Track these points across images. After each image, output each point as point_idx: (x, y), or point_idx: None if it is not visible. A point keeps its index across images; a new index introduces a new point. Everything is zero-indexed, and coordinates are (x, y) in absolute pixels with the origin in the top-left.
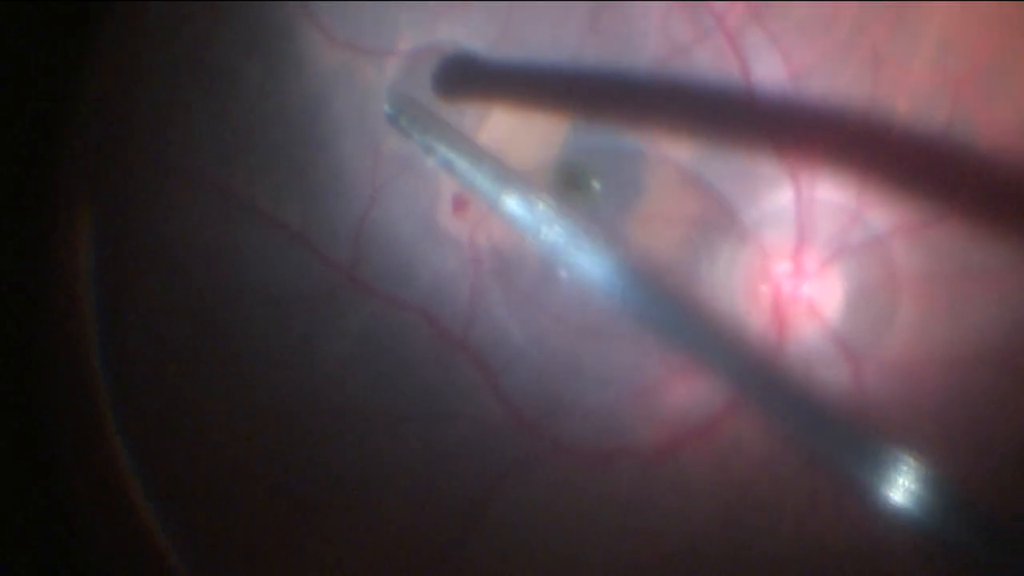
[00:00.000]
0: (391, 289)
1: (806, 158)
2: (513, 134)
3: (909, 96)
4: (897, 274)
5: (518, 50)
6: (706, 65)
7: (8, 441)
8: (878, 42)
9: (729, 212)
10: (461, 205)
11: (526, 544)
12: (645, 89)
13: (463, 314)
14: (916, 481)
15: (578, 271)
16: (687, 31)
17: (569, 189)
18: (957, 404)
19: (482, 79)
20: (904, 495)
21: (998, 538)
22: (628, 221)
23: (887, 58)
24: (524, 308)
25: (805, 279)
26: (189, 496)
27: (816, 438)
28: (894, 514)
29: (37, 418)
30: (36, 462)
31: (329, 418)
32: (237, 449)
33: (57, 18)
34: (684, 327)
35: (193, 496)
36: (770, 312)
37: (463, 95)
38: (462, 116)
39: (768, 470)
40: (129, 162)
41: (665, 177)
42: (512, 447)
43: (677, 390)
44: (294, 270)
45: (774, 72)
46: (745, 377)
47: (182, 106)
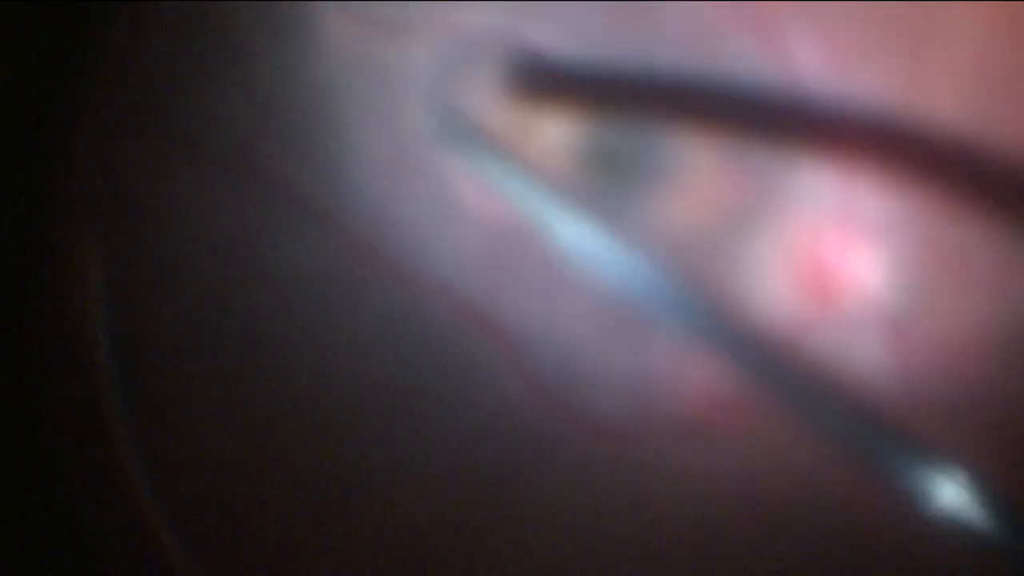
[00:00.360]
0: (414, 270)
1: (846, 138)
2: (544, 114)
3: (952, 80)
4: (938, 253)
5: (544, 29)
6: (743, 50)
7: (9, 441)
8: (921, 26)
9: (769, 189)
10: (486, 184)
11: (551, 523)
12: (683, 78)
13: (487, 294)
14: (953, 469)
15: (628, 297)
16: (724, 14)
17: (603, 169)
18: (998, 381)
19: (552, 80)
20: (941, 484)
21: None
22: (665, 201)
23: (930, 42)
24: (548, 287)
25: (845, 257)
26: (202, 490)
27: (849, 432)
28: (928, 501)
29: (39, 416)
30: (38, 462)
31: (350, 402)
32: (252, 438)
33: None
34: (744, 349)
35: (206, 490)
36: (811, 288)
37: (531, 96)
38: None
39: (798, 448)
40: (143, 149)
41: (703, 155)
42: (536, 427)
43: (704, 368)
44: (315, 251)
45: (813, 58)
46: (772, 377)
47: (201, 89)
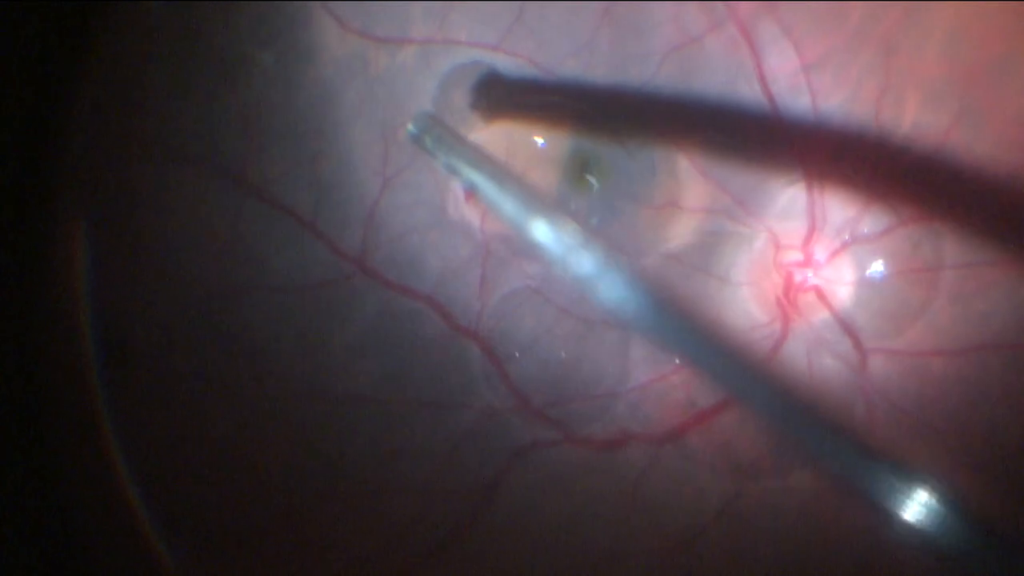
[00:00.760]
0: (401, 278)
1: (817, 148)
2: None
3: (919, 87)
4: (906, 264)
5: (531, 39)
6: (718, 55)
7: (7, 442)
8: (889, 34)
9: (740, 202)
10: (472, 195)
11: (535, 526)
12: (658, 90)
13: (473, 303)
14: (922, 475)
15: (605, 299)
16: (700, 21)
17: (578, 177)
18: (963, 393)
19: (517, 96)
20: (910, 488)
21: (1005, 538)
22: (640, 211)
23: (898, 49)
24: (534, 296)
25: (815, 268)
26: (195, 495)
27: (818, 443)
28: (897, 503)
29: (36, 418)
30: (34, 465)
31: (339, 406)
32: (241, 441)
33: (65, 6)
34: (710, 358)
35: (199, 494)
36: (779, 300)
37: (498, 111)
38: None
39: (772, 454)
40: (134, 150)
41: (677, 167)
42: (521, 433)
43: (683, 378)
44: (305, 259)
45: (786, 63)
46: (749, 393)
47: (194, 95)
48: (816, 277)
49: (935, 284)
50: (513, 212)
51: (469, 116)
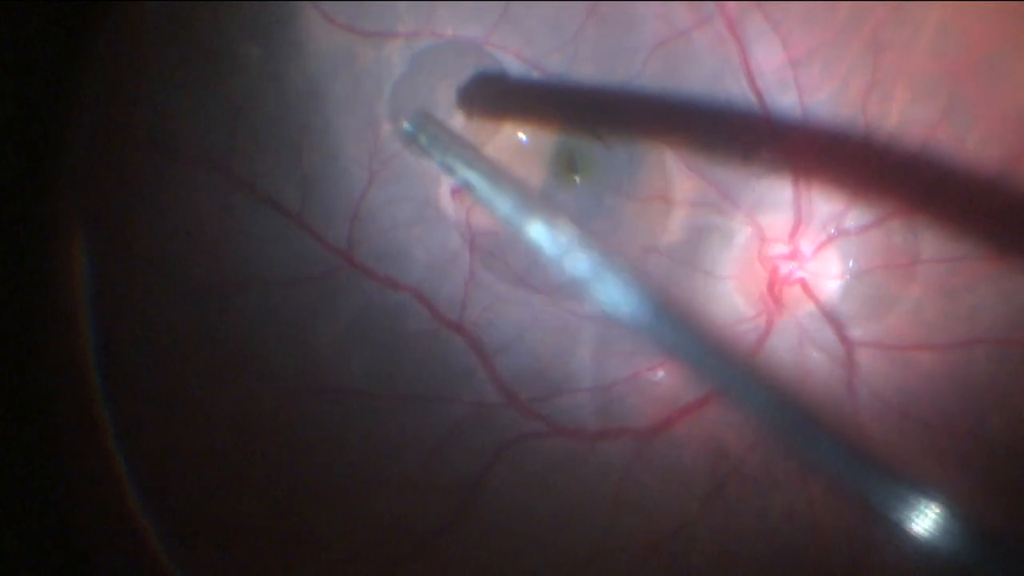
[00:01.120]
0: (387, 271)
1: (803, 143)
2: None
3: (908, 83)
4: (892, 258)
5: (517, 34)
6: (705, 50)
7: (6, 443)
8: (878, 29)
9: (726, 195)
10: (459, 190)
11: (522, 521)
12: (645, 88)
13: (459, 296)
14: (909, 470)
15: (600, 300)
16: (687, 16)
17: (565, 171)
18: (950, 388)
19: (506, 96)
20: (896, 485)
21: (992, 534)
22: (627, 204)
23: (887, 45)
24: (519, 290)
25: (801, 261)
26: (187, 490)
27: (805, 438)
28: (884, 499)
29: (34, 417)
30: (33, 466)
31: (327, 400)
32: (236, 438)
33: (58, 6)
34: (706, 355)
35: (191, 489)
36: (766, 294)
37: (486, 110)
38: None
39: (759, 448)
40: (129, 147)
41: (663, 160)
42: (507, 428)
43: (669, 370)
44: (292, 252)
45: (774, 58)
46: (737, 388)
47: (182, 89)
48: (802, 270)
49: (922, 278)
50: (508, 211)
51: (456, 106)
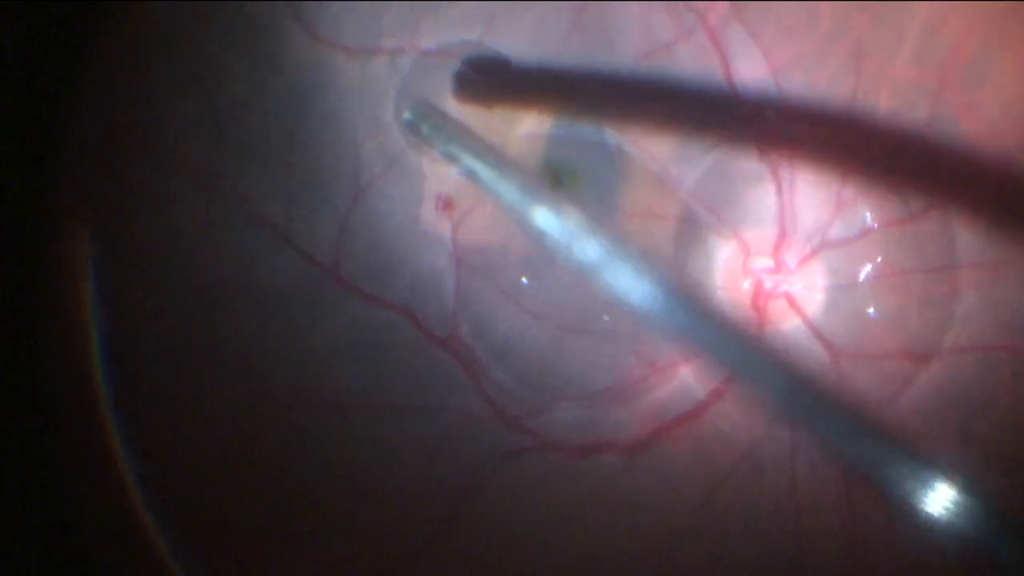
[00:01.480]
0: (375, 287)
1: (787, 155)
2: (496, 136)
3: (891, 90)
4: (876, 269)
5: (501, 48)
6: (688, 62)
7: (7, 443)
8: (861, 37)
9: (710, 208)
10: (445, 204)
11: (510, 533)
12: (629, 87)
13: (447, 311)
14: (898, 472)
15: (609, 285)
16: (669, 29)
17: (550, 187)
18: (937, 396)
19: (504, 80)
20: (886, 485)
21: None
22: (611, 219)
23: (869, 53)
24: (506, 305)
25: (785, 274)
26: (187, 492)
27: (804, 422)
28: (876, 503)
29: (35, 416)
30: (35, 464)
31: (316, 414)
32: (232, 444)
33: (50, 24)
34: (724, 339)
35: (191, 491)
36: (750, 307)
37: (480, 96)
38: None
39: (749, 459)
40: (123, 163)
41: (647, 175)
42: (496, 440)
43: (657, 383)
44: (278, 269)
45: (756, 69)
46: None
47: (170, 106)
48: (786, 284)
49: (906, 288)
50: (514, 199)
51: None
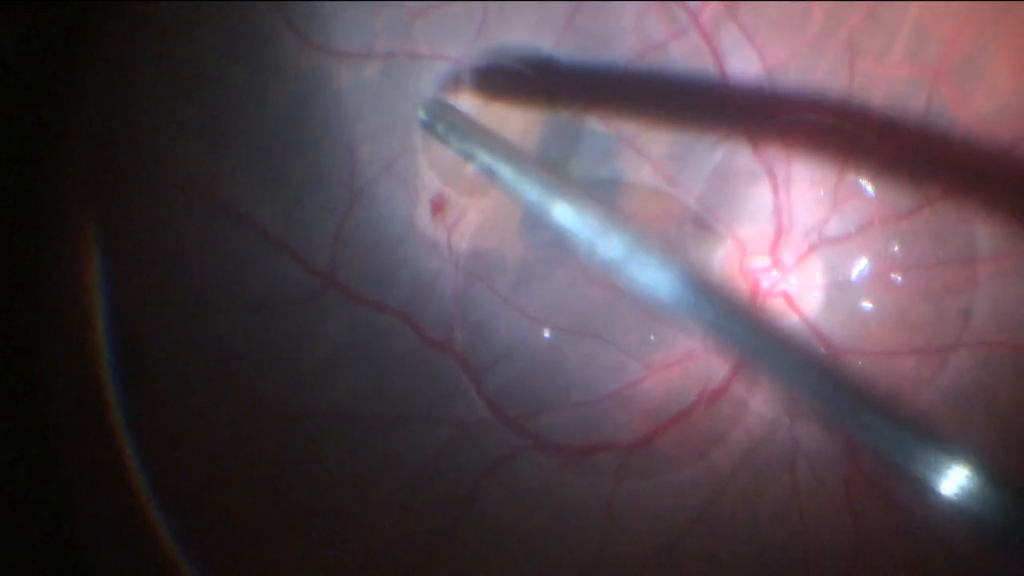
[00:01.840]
0: (372, 293)
1: (783, 153)
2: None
3: (885, 88)
4: (874, 264)
5: (494, 50)
6: (682, 62)
7: (12, 444)
8: (854, 34)
9: (706, 207)
10: (437, 206)
11: (512, 537)
12: (624, 85)
13: (445, 316)
14: (901, 474)
15: (632, 282)
16: (663, 28)
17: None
18: (937, 393)
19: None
20: (888, 486)
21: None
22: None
23: (863, 50)
24: (504, 309)
25: (783, 273)
26: (192, 497)
27: (814, 410)
28: (877, 504)
29: (41, 419)
30: (40, 466)
31: (316, 421)
32: (235, 451)
33: (50, 24)
34: (748, 329)
35: (195, 496)
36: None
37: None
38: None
39: (749, 462)
40: (122, 171)
41: (642, 175)
42: (496, 445)
43: (656, 386)
44: (275, 275)
45: (750, 68)
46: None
47: (165, 113)
48: (784, 282)
49: (905, 283)
50: (535, 196)
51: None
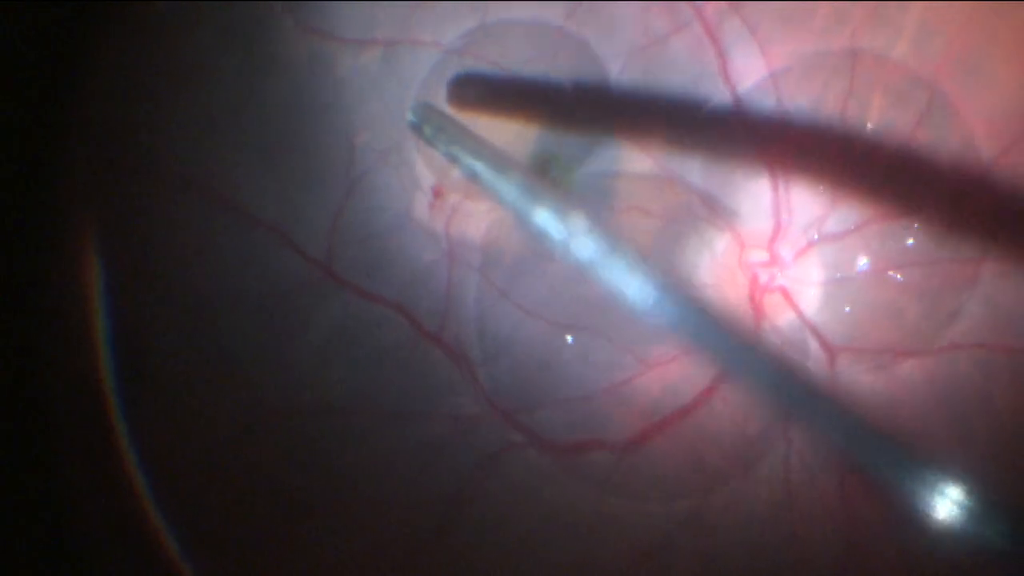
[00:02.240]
0: (367, 283)
1: (782, 148)
2: (487, 125)
3: (887, 85)
4: (873, 263)
5: (495, 40)
6: (684, 56)
7: (11, 444)
8: (856, 32)
9: (704, 202)
10: (435, 194)
11: (505, 534)
12: (623, 86)
13: (440, 308)
14: (896, 475)
15: (610, 286)
16: (665, 22)
17: (543, 178)
18: (932, 393)
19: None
20: (883, 489)
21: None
22: (603, 212)
23: (865, 47)
24: (500, 302)
25: (781, 269)
26: (192, 497)
27: (799, 419)
28: (872, 506)
29: (40, 419)
30: (40, 466)
31: (310, 414)
32: (235, 450)
33: (50, 24)
34: (722, 335)
35: (195, 496)
36: (745, 302)
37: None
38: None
39: (743, 461)
40: (122, 170)
41: (639, 168)
42: (490, 440)
43: (651, 382)
44: (270, 266)
45: (752, 63)
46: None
47: (160, 102)
48: (782, 277)
49: (903, 283)
50: (515, 200)
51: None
